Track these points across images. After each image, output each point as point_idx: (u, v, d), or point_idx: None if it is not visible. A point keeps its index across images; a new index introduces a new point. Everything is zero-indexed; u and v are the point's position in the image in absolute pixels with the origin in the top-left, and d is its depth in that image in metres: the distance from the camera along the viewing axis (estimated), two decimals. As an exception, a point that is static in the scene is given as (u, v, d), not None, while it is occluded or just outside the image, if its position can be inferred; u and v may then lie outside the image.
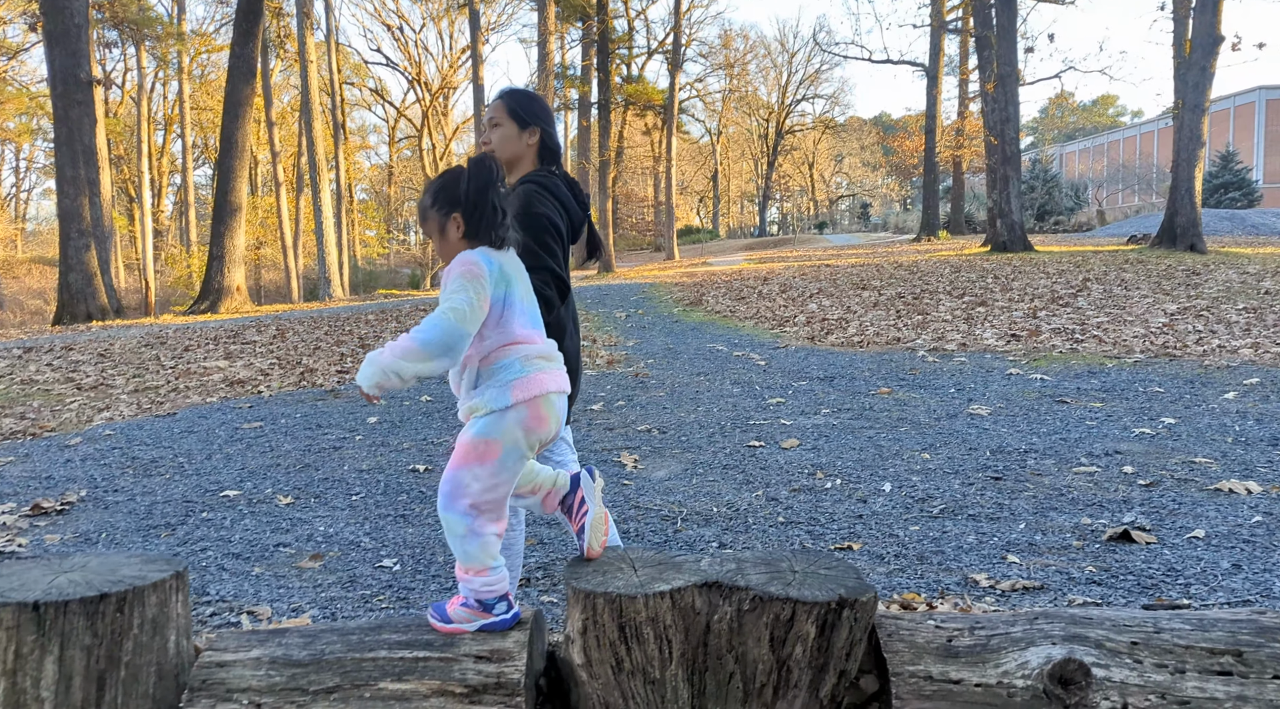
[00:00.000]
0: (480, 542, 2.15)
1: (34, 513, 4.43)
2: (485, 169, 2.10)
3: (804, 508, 4.11)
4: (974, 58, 42.72)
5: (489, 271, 2.02)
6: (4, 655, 2.09)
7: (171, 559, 2.44)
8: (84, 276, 17.29)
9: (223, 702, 2.18)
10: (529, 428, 2.07)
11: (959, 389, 6.55)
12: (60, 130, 17.09)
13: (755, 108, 64.69)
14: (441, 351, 1.96)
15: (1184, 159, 20.45)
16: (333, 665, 2.22)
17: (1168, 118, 58.90)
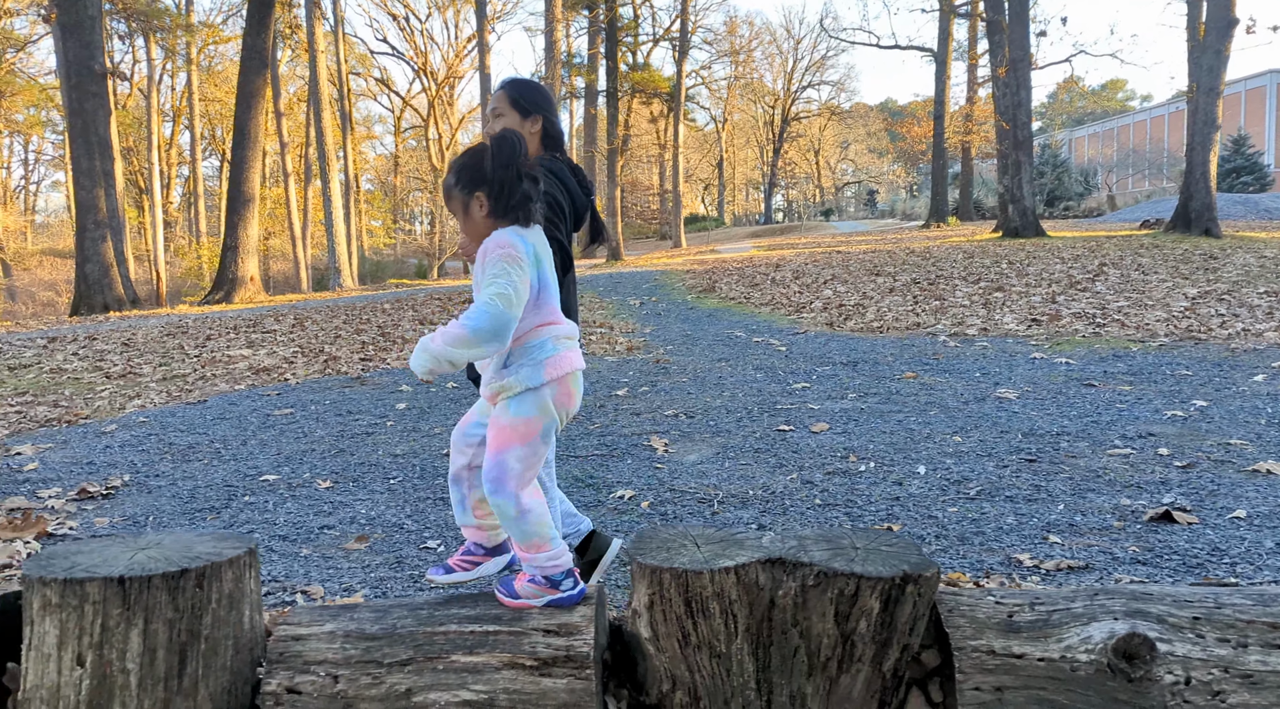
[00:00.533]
0: (534, 517, 2.20)
1: (80, 497, 4.49)
2: (508, 145, 2.09)
3: (840, 491, 4.14)
4: (983, 43, 42.58)
5: (525, 253, 2.03)
6: (91, 628, 2.15)
7: (243, 537, 2.49)
8: (100, 267, 17.37)
9: (301, 674, 2.23)
10: (560, 404, 2.13)
11: (984, 373, 6.57)
12: (75, 122, 17.14)
13: (760, 95, 64.51)
14: (491, 337, 1.98)
15: (1199, 143, 20.35)
16: (405, 639, 2.27)
17: (1178, 102, 58.62)
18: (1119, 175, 54.97)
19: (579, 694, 2.17)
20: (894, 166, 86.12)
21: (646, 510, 4.03)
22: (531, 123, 2.75)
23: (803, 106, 65.35)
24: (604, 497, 4.24)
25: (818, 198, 79.53)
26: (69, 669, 2.17)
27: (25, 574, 2.20)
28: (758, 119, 67.97)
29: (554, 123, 2.80)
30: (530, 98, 2.77)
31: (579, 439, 5.29)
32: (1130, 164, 55.74)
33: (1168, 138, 57.18)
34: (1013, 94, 21.98)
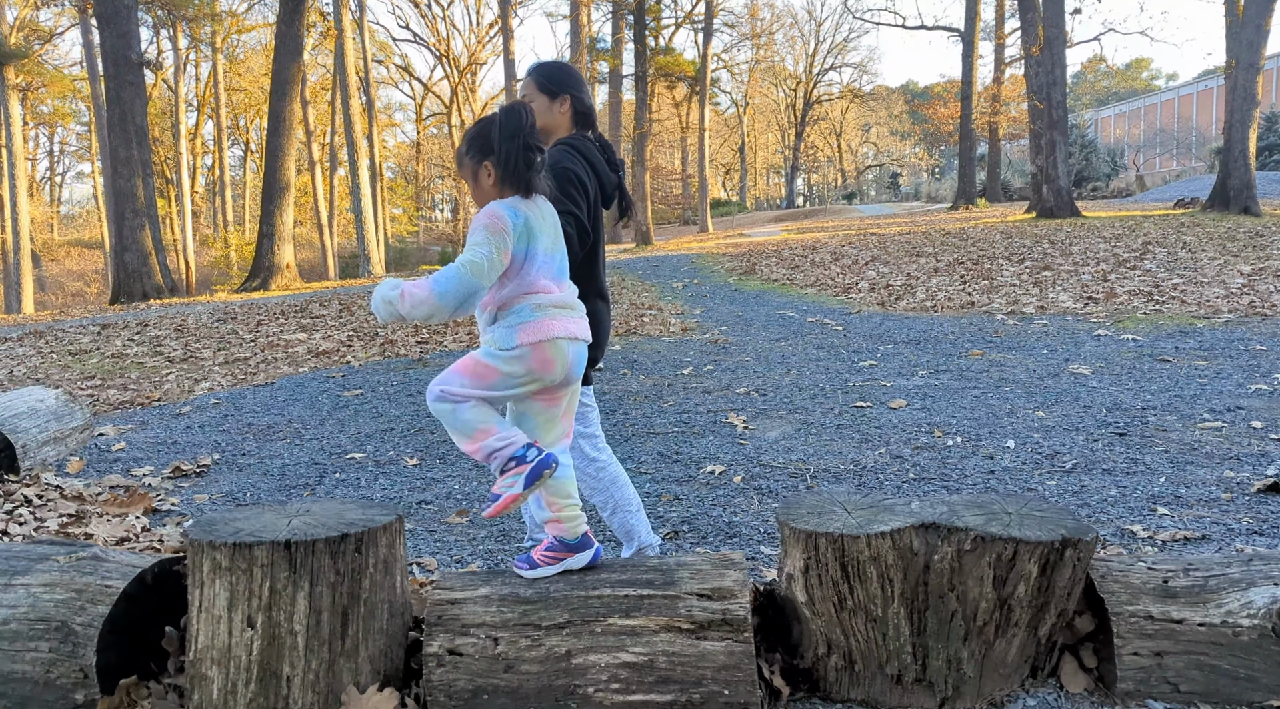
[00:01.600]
0: (467, 406, 2.21)
1: (174, 475, 4.55)
2: (515, 116, 2.16)
3: (931, 464, 4.14)
4: (1011, 21, 42.11)
5: (512, 225, 2.10)
6: (260, 591, 2.20)
7: (389, 506, 2.53)
8: (139, 256, 17.51)
9: (460, 636, 2.27)
10: (532, 368, 2.17)
11: (1051, 350, 6.54)
12: (113, 112, 17.25)
13: (782, 78, 64.11)
14: (456, 303, 2.06)
15: (1237, 120, 20.08)
16: (560, 602, 2.30)
17: (1206, 80, 57.82)
18: (1146, 155, 54.32)
19: (738, 657, 2.19)
20: (916, 149, 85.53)
21: (739, 485, 4.04)
22: (560, 103, 2.81)
23: (824, 89, 64.88)
24: (694, 472, 4.25)
25: (839, 181, 79.06)
26: (239, 630, 2.22)
27: (194, 539, 2.25)
28: (779, 103, 67.59)
29: (581, 99, 2.84)
30: (556, 79, 2.83)
31: (655, 417, 5.31)
32: (1158, 143, 55.04)
33: (1196, 116, 56.39)
34: (1047, 72, 21.73)
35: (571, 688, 2.23)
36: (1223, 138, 39.52)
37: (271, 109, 18.62)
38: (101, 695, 2.35)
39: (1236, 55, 20.10)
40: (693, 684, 2.19)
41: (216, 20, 32.51)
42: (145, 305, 15.47)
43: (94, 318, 12.51)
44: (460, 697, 2.25)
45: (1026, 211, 25.86)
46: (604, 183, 2.84)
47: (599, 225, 2.87)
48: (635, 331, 8.40)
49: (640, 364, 6.95)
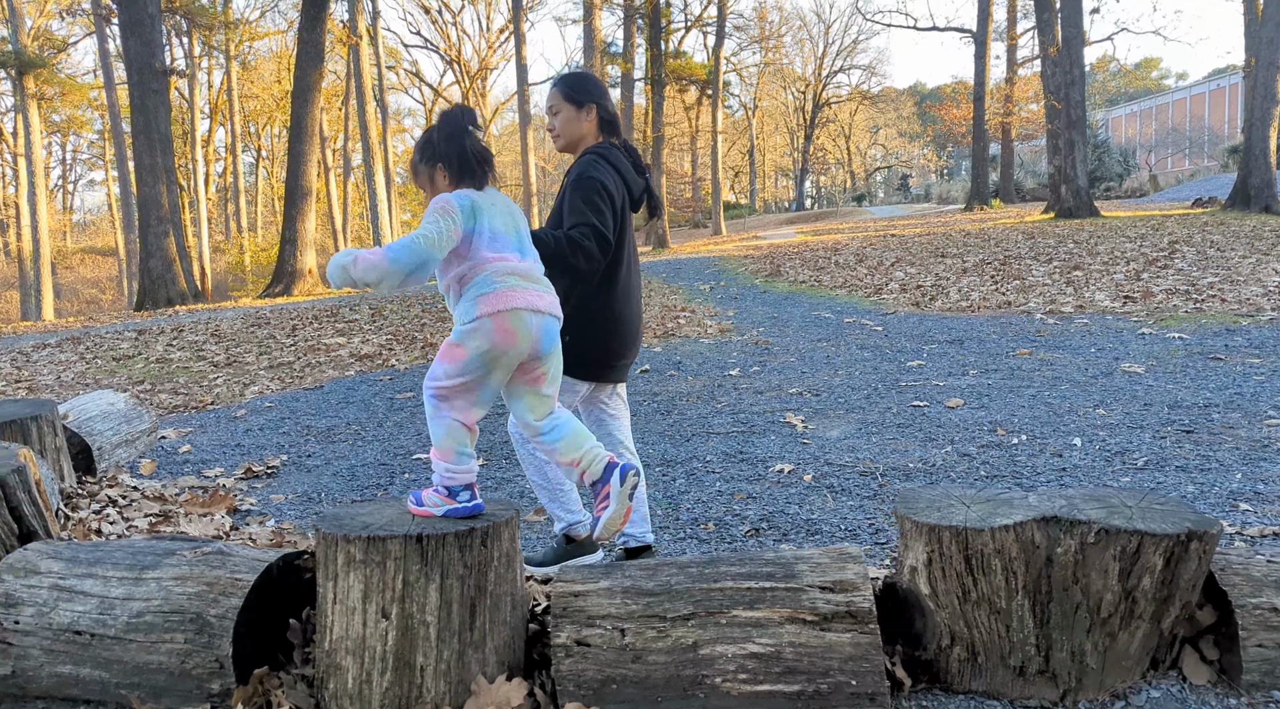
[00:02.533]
0: (445, 425, 2.33)
1: (246, 476, 4.61)
2: (452, 119, 2.33)
3: (1000, 462, 4.17)
4: (1023, 22, 42.08)
5: (460, 207, 2.23)
6: (393, 583, 2.26)
7: (506, 502, 2.58)
8: (164, 262, 17.63)
9: (587, 627, 2.32)
10: (494, 340, 2.25)
11: (1099, 349, 6.56)
12: (137, 119, 17.36)
13: (790, 81, 64.17)
14: (408, 270, 2.16)
15: (1258, 118, 20.04)
16: (682, 595, 2.34)
17: (1218, 79, 57.64)
18: (1158, 155, 54.18)
19: (864, 648, 2.23)
20: (924, 151, 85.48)
21: (810, 483, 4.08)
22: (586, 112, 2.91)
23: (833, 92, 64.94)
24: (762, 471, 4.29)
25: (849, 183, 79.04)
26: (374, 621, 2.28)
27: (326, 532, 2.31)
28: (788, 105, 67.67)
29: (607, 108, 2.95)
30: (582, 89, 2.93)
31: (711, 417, 5.35)
32: (1170, 143, 54.87)
33: (1209, 116, 56.24)
34: (1066, 72, 21.73)
35: (699, 678, 2.27)
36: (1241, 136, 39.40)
37: (293, 115, 18.73)
38: (237, 685, 2.42)
39: (1256, 53, 20.08)
40: (820, 675, 2.23)
41: (231, 28, 32.67)
42: (172, 311, 15.57)
43: (125, 324, 12.60)
44: (589, 686, 2.30)
45: (1044, 212, 25.84)
46: (631, 188, 2.93)
47: (628, 229, 2.95)
48: (673, 334, 8.44)
49: (685, 365, 6.99)
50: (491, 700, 2.35)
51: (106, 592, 2.56)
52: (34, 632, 2.57)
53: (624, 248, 2.94)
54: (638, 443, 4.90)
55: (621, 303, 2.95)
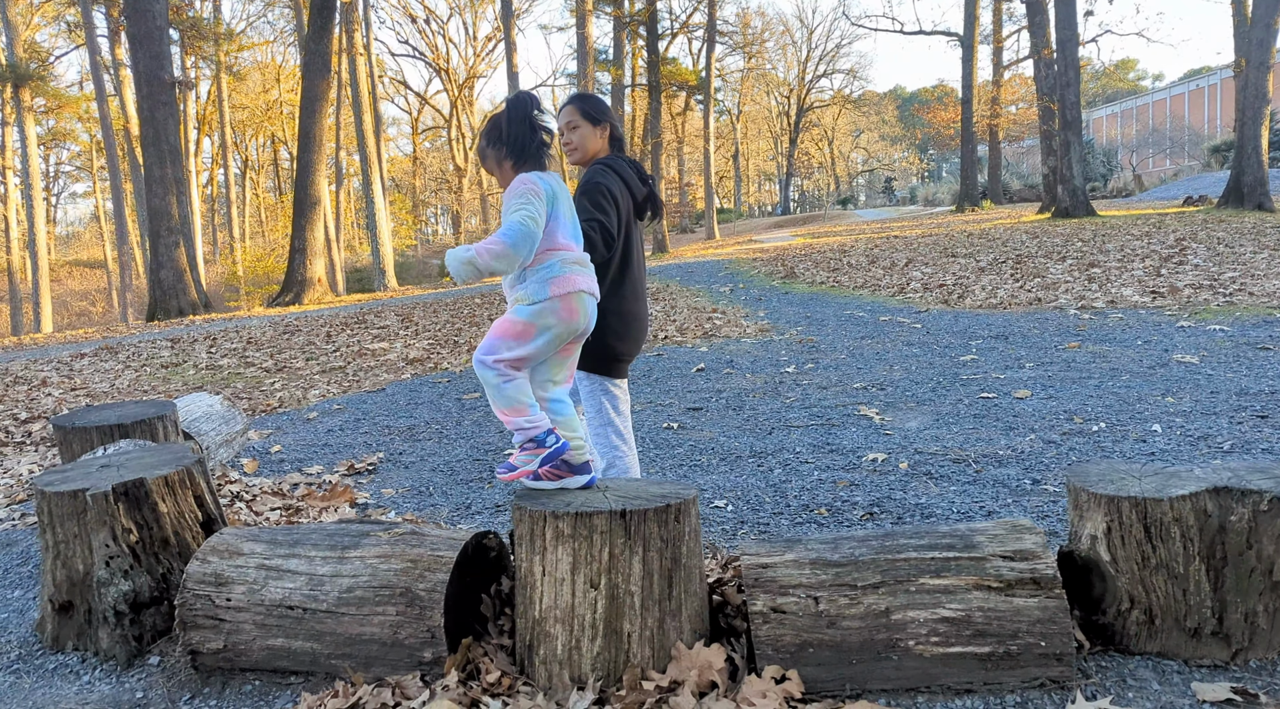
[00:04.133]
0: (514, 384, 2.51)
1: (349, 472, 4.74)
2: (521, 103, 2.52)
3: (1086, 448, 4.35)
4: (1009, 24, 42.59)
5: (544, 190, 2.44)
6: (600, 555, 2.42)
7: (684, 483, 2.74)
8: (175, 273, 17.66)
9: (781, 595, 2.48)
10: (562, 318, 2.48)
11: (1145, 341, 6.78)
12: (147, 131, 17.40)
13: (774, 86, 64.64)
14: (520, 248, 2.38)
15: (1249, 117, 20.44)
16: (868, 565, 2.51)
17: (1197, 79, 58.34)
18: (1140, 155, 54.82)
19: (1051, 611, 2.39)
20: (906, 154, 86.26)
21: (907, 471, 4.25)
22: (602, 130, 3.22)
23: (816, 96, 65.45)
24: (855, 460, 4.46)
25: (833, 187, 79.58)
26: (582, 591, 2.43)
27: (533, 509, 2.47)
28: (771, 110, 68.13)
29: (617, 128, 3.28)
30: (598, 109, 3.25)
31: (784, 412, 5.52)
32: (1151, 143, 55.51)
33: (1189, 116, 56.98)
34: (1061, 73, 22.08)
35: (893, 641, 2.43)
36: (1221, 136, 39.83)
37: (301, 125, 18.80)
38: (449, 653, 2.57)
39: (1246, 54, 20.49)
40: (1009, 637, 2.40)
41: (229, 40, 32.67)
42: (188, 321, 15.61)
43: (152, 334, 12.65)
44: (787, 650, 2.46)
45: (1040, 212, 26.21)
46: (635, 195, 3.21)
47: (632, 233, 3.22)
48: (714, 334, 8.61)
49: (738, 364, 7.16)
50: (693, 664, 2.50)
51: (313, 570, 2.70)
52: (246, 608, 2.71)
53: (631, 249, 3.21)
54: (719, 437, 5.06)
55: (632, 301, 3.21)
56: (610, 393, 3.26)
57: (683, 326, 9.09)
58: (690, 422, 5.43)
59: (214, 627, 2.75)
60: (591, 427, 3.26)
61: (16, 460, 5.49)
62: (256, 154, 59.55)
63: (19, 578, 3.65)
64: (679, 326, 9.11)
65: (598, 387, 3.24)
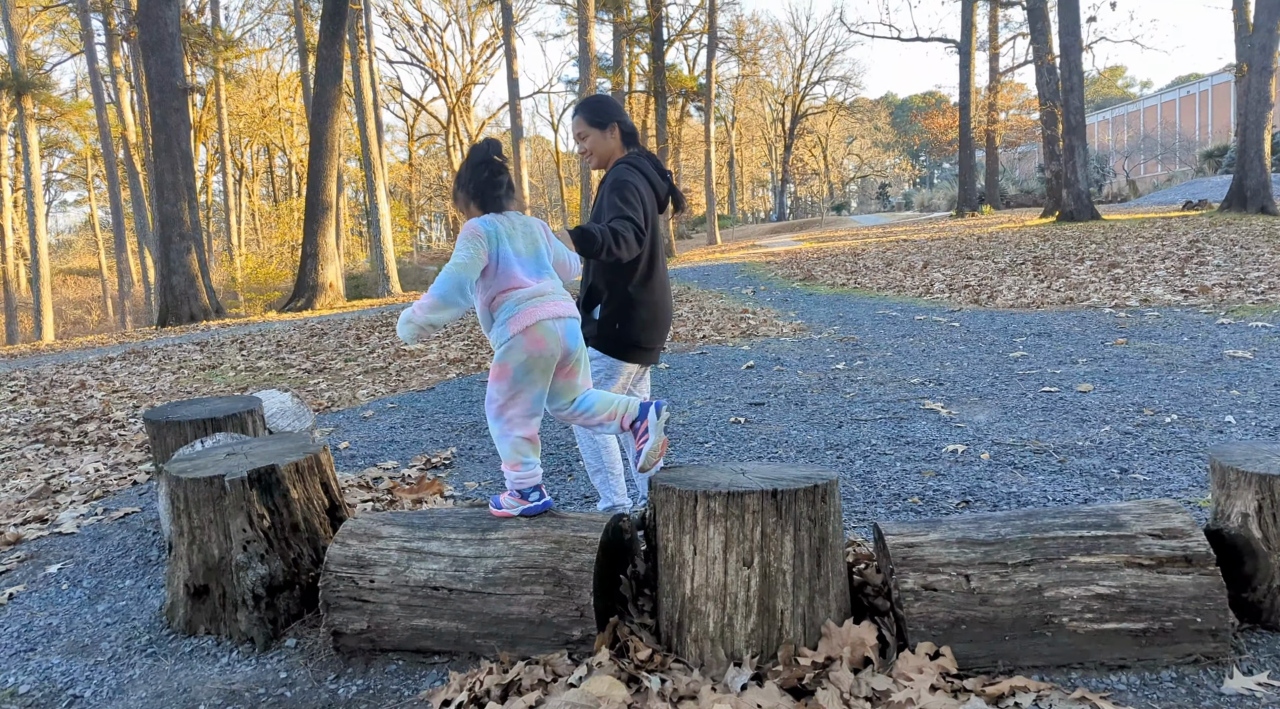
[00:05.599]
0: (510, 442, 2.74)
1: (426, 467, 4.76)
2: (478, 151, 2.74)
3: (1164, 439, 4.41)
4: (1004, 31, 42.87)
5: (485, 233, 2.63)
6: (752, 534, 2.46)
7: (825, 467, 2.77)
8: (186, 279, 17.63)
9: (931, 573, 2.53)
10: (529, 350, 2.65)
11: (1191, 338, 6.85)
12: (159, 138, 17.39)
13: (768, 93, 64.95)
14: (455, 298, 2.57)
15: (1252, 122, 20.62)
16: (1016, 544, 2.55)
17: (1188, 86, 58.75)
18: (1133, 161, 55.19)
19: (1206, 588, 2.44)
20: (899, 160, 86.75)
21: (989, 462, 4.29)
22: (610, 131, 3.32)
23: (810, 103, 65.81)
24: (935, 452, 4.50)
25: (826, 192, 79.94)
26: (735, 569, 2.47)
27: (683, 490, 2.51)
28: (766, 117, 68.42)
29: (626, 122, 3.37)
30: (600, 111, 3.34)
31: (848, 406, 5.56)
32: (1144, 149, 55.90)
33: (1180, 122, 57.43)
34: (1066, 79, 22.26)
35: (1046, 618, 2.47)
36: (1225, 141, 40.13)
37: (313, 131, 18.82)
38: (599, 631, 2.60)
39: (1249, 59, 20.67)
40: (1164, 613, 2.44)
41: (231, 48, 32.66)
42: (202, 326, 15.58)
43: (162, 339, 12.62)
44: (939, 626, 2.49)
45: (1043, 216, 26.36)
46: (657, 190, 3.33)
47: (656, 227, 3.32)
48: (752, 333, 8.65)
49: (786, 361, 7.20)
50: (845, 641, 2.54)
51: (455, 551, 2.73)
52: (390, 589, 2.73)
53: (656, 243, 3.34)
54: (789, 430, 5.10)
55: (659, 291, 3.35)
56: (611, 379, 3.38)
57: (719, 326, 9.14)
58: (755, 416, 5.47)
59: (357, 608, 2.77)
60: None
61: (79, 459, 5.50)
62: (251, 161, 59.47)
63: (124, 568, 3.67)
64: (715, 326, 9.15)
65: (602, 367, 3.36)
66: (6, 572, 3.73)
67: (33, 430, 6.30)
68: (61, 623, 3.18)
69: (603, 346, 3.34)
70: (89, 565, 3.71)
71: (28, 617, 3.25)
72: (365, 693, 2.62)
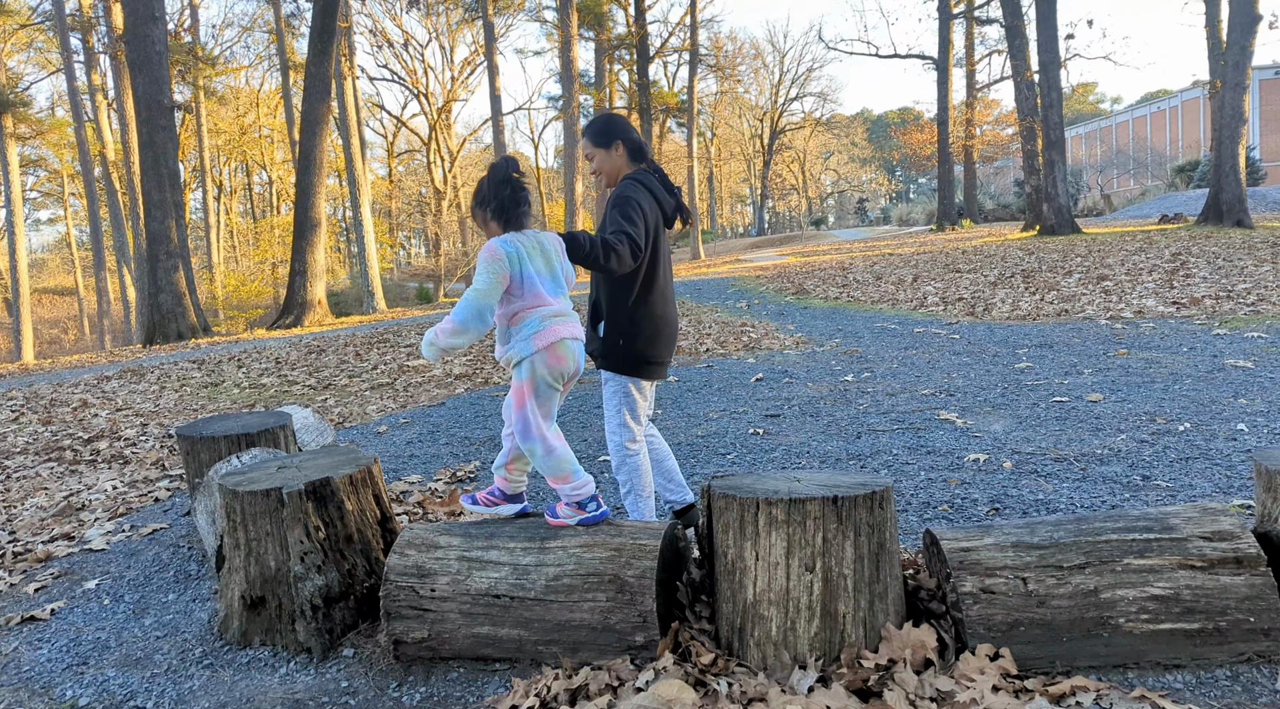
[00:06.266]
0: (555, 456, 2.82)
1: (450, 481, 4.78)
2: (499, 169, 2.82)
3: (1181, 446, 4.50)
4: (980, 48, 43.44)
5: (506, 255, 2.71)
6: (813, 540, 2.52)
7: (878, 474, 2.83)
8: (174, 296, 17.53)
9: (989, 576, 2.59)
10: (550, 366, 2.75)
11: (1190, 348, 6.98)
12: (146, 155, 17.32)
13: (745, 109, 65.46)
14: (475, 324, 2.66)
15: (1227, 137, 21.00)
16: (1070, 547, 2.62)
17: (1159, 102, 59.64)
18: (1106, 176, 55.93)
19: (1259, 588, 2.52)
20: (875, 175, 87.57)
21: (1012, 470, 4.37)
22: (615, 149, 3.40)
23: (788, 119, 66.38)
24: (957, 461, 4.58)
25: (804, 208, 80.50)
26: (797, 575, 2.52)
27: (744, 497, 2.56)
28: (744, 133, 68.93)
29: (632, 140, 3.45)
30: (605, 131, 3.42)
31: (863, 417, 5.63)
32: (1116, 164, 56.66)
33: (1151, 137, 58.36)
34: (1045, 94, 22.61)
35: (1103, 619, 2.54)
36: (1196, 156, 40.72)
37: (302, 148, 18.79)
38: (661, 636, 2.64)
39: (1222, 76, 21.07)
40: (1217, 613, 2.51)
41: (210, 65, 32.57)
42: (192, 345, 15.49)
43: (155, 358, 12.55)
44: (998, 628, 2.55)
45: (1024, 230, 26.69)
46: (663, 206, 3.41)
47: (660, 243, 3.40)
48: (755, 346, 8.73)
49: (794, 374, 7.27)
50: (906, 644, 2.59)
51: (516, 560, 2.77)
52: (451, 597, 2.77)
53: (659, 258, 3.40)
54: (809, 441, 5.16)
55: (661, 305, 3.40)
56: (630, 396, 3.43)
57: (721, 340, 9.20)
58: (773, 428, 5.53)
59: (418, 616, 2.80)
60: (608, 422, 3.47)
61: (95, 477, 5.48)
62: (229, 179, 59.18)
63: (164, 582, 3.67)
64: (717, 340, 9.22)
65: (620, 387, 3.42)
66: (43, 588, 3.72)
67: (44, 449, 6.26)
68: (110, 637, 3.19)
69: (612, 365, 3.40)
70: (127, 581, 3.71)
71: (74, 631, 3.26)
72: (429, 700, 2.64)
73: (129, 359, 13.43)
